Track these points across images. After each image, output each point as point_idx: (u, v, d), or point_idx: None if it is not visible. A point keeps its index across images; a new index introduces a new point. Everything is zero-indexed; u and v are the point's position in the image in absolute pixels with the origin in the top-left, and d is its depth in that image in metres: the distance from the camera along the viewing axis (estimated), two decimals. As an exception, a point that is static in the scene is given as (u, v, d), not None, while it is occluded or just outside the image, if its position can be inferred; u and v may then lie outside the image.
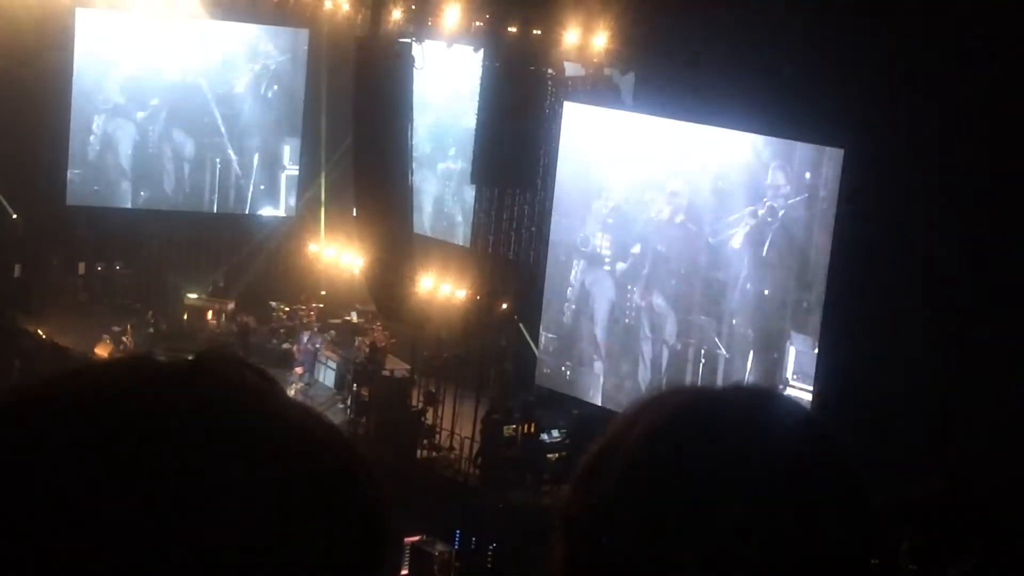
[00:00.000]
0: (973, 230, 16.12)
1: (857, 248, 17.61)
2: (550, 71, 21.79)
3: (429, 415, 21.51)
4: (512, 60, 21.53)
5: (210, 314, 26.54)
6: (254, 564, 0.94)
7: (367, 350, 23.52)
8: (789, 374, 19.16)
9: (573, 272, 22.12)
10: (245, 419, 0.99)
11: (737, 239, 20.01)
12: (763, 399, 1.23)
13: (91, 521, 0.92)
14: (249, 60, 28.47)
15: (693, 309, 20.74)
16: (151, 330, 24.96)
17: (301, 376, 23.63)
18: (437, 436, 21.36)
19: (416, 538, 17.45)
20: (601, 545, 1.15)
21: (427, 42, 24.21)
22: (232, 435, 0.97)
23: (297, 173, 29.10)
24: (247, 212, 29.08)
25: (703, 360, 20.47)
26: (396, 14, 24.31)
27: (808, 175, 19.16)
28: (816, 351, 18.88)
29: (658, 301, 21.05)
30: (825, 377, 18.06)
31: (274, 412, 1.02)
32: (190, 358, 1.03)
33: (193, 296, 26.57)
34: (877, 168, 17.10)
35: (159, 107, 28.08)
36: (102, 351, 22.74)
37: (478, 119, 22.92)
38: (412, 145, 24.33)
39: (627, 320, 21.53)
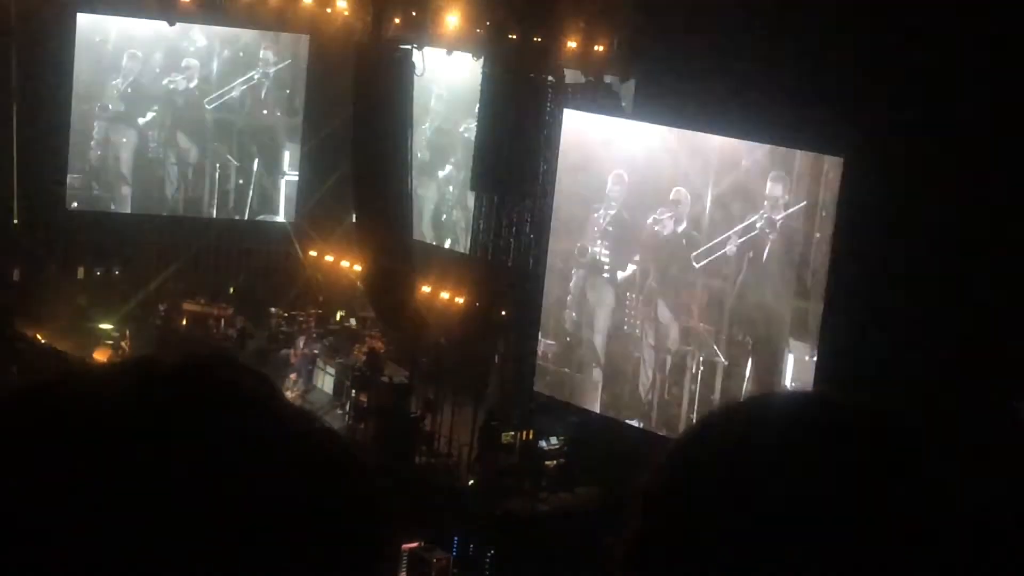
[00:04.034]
0: (973, 238, 16.13)
1: (856, 257, 17.60)
2: (550, 78, 21.79)
3: (427, 421, 21.49)
4: (512, 67, 21.55)
5: (209, 320, 26.53)
6: (251, 567, 0.94)
7: (366, 356, 23.50)
8: (787, 382, 19.15)
9: (572, 280, 22.12)
10: (244, 423, 1.00)
11: (736, 247, 20.01)
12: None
13: (88, 523, 0.92)
14: (249, 66, 28.48)
15: (692, 317, 20.73)
16: (150, 335, 24.95)
17: (299, 382, 23.60)
18: (435, 442, 21.34)
19: (414, 544, 17.43)
20: (677, 522, 1.13)
21: (427, 49, 24.24)
22: (231, 439, 0.98)
23: (297, 179, 29.11)
24: (246, 218, 29.08)
25: (702, 367, 20.47)
26: (397, 21, 24.35)
27: (807, 184, 19.17)
28: (814, 359, 18.88)
29: (662, 310, 21.04)
30: (823, 385, 18.03)
31: (273, 416, 1.02)
32: (190, 363, 1.03)
33: (192, 301, 26.56)
34: (877, 176, 17.10)
35: (159, 113, 28.10)
36: (100, 356, 22.72)
37: (478, 126, 22.94)
38: (412, 151, 24.37)
39: (626, 328, 21.52)
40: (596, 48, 22.36)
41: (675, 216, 20.75)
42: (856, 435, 1.14)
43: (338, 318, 26.63)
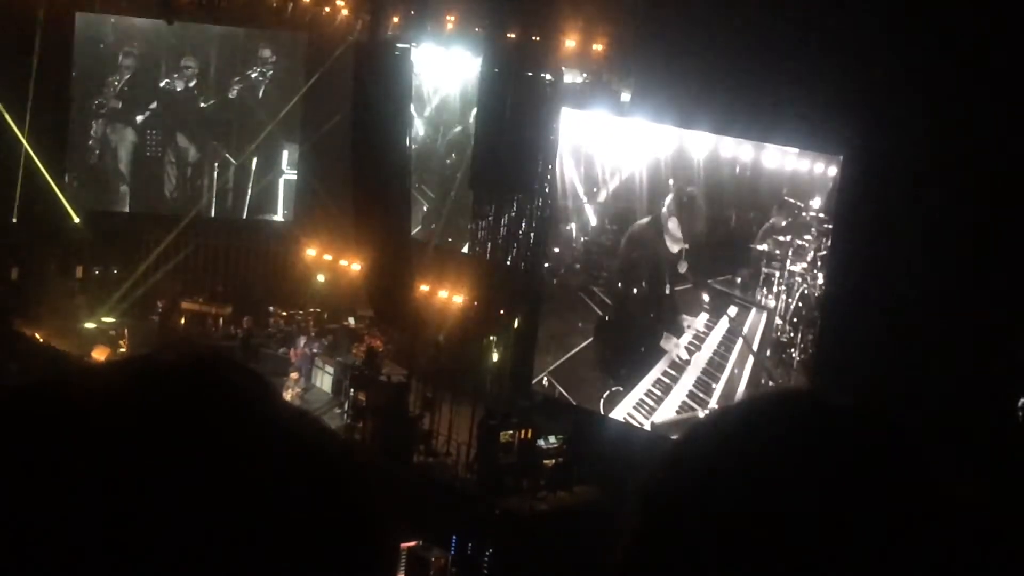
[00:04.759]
0: (972, 239, 16.13)
1: (854, 258, 17.60)
2: (548, 77, 21.80)
3: (426, 420, 21.50)
4: (511, 65, 21.55)
5: (208, 318, 26.55)
6: (248, 567, 0.94)
7: (364, 355, 23.51)
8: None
9: (571, 278, 22.12)
10: (237, 423, 0.99)
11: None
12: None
13: (86, 523, 0.92)
14: (248, 65, 28.49)
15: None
16: (148, 334, 24.96)
17: (298, 381, 23.62)
18: (434, 441, 21.34)
19: (412, 543, 17.45)
20: (676, 523, 1.12)
21: (426, 47, 24.25)
22: (227, 439, 0.97)
23: (295, 178, 29.12)
24: (245, 217, 29.09)
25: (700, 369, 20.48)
26: (395, 19, 24.37)
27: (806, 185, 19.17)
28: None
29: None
30: (820, 385, 18.04)
31: (267, 416, 1.02)
32: (187, 361, 1.03)
33: (190, 300, 26.58)
34: (875, 175, 17.10)
35: (157, 111, 28.11)
36: (99, 355, 22.72)
37: (476, 124, 22.95)
38: (411, 150, 24.37)
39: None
40: (595, 47, 22.37)
41: (671, 213, 20.70)
42: (852, 436, 1.14)
43: (349, 316, 26.66)
